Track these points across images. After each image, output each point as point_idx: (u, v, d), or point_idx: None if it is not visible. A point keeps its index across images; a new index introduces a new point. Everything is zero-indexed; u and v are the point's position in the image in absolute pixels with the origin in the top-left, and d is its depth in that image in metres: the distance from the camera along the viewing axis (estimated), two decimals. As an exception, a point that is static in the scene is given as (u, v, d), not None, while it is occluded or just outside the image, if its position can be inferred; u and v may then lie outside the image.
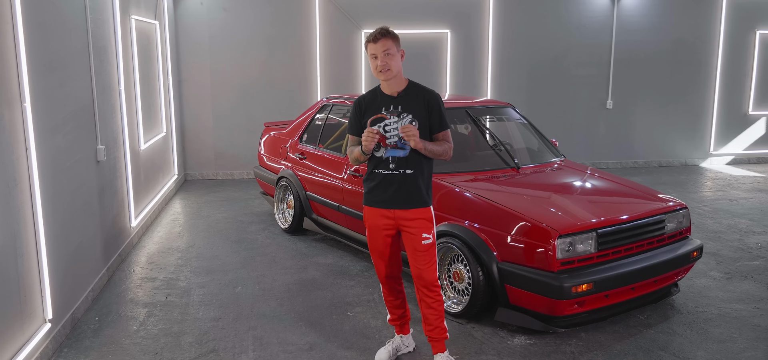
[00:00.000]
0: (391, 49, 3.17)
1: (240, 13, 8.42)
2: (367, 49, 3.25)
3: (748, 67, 9.74)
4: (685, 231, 4.26)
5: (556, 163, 5.02)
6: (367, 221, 3.41)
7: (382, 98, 3.30)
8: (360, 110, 3.36)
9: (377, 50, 3.17)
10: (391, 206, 3.28)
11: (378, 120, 3.26)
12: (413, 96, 3.26)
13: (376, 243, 3.40)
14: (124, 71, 5.42)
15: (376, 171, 3.30)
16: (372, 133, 3.16)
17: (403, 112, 3.22)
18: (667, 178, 8.85)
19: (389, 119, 3.23)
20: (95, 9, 4.71)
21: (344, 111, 5.82)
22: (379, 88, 3.34)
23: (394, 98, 3.26)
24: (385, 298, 3.56)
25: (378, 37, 3.17)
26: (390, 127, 3.22)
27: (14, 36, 3.25)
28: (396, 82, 3.26)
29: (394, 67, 3.20)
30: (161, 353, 3.65)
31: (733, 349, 3.71)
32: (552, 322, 3.80)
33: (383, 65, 3.17)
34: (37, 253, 3.47)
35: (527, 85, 9.20)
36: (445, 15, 8.84)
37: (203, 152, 8.75)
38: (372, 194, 3.34)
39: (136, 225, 5.75)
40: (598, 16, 9.18)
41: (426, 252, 3.28)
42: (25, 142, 3.35)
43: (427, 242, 3.28)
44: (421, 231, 3.27)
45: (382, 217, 3.32)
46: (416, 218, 3.27)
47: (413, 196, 3.26)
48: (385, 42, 3.16)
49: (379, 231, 3.35)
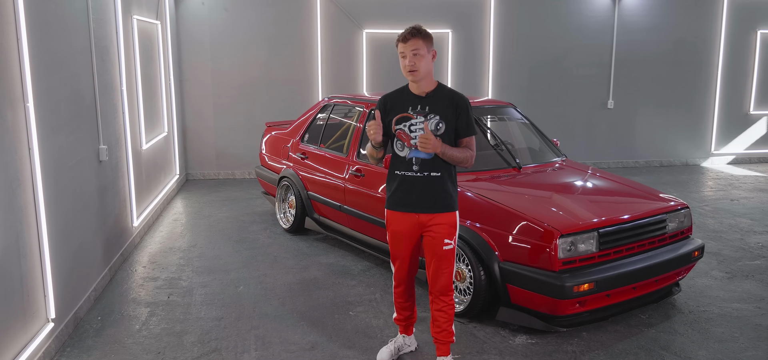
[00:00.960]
0: (421, 50, 3.10)
1: (241, 13, 8.43)
2: (397, 48, 3.19)
3: (749, 67, 9.74)
4: (686, 231, 4.27)
5: (557, 162, 5.02)
6: (390, 226, 3.31)
7: (409, 97, 3.23)
8: (384, 108, 3.27)
9: (406, 50, 3.11)
10: (416, 209, 3.19)
11: (403, 119, 3.18)
12: (441, 97, 3.19)
13: (399, 249, 3.31)
14: (126, 71, 5.42)
15: (398, 172, 3.22)
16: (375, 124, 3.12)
17: (430, 113, 3.15)
18: (668, 177, 8.86)
19: (415, 119, 3.15)
20: (97, 9, 4.72)
21: (346, 111, 5.83)
22: (406, 87, 3.27)
23: (421, 98, 3.19)
24: (397, 298, 3.49)
25: (408, 36, 3.10)
26: (415, 126, 3.14)
27: (17, 36, 3.26)
28: (425, 83, 3.19)
29: (423, 68, 3.12)
30: (163, 353, 3.66)
31: (734, 349, 3.72)
32: (553, 321, 3.81)
33: (411, 65, 3.10)
34: (40, 253, 3.48)
35: (528, 85, 9.21)
36: (446, 15, 8.84)
37: (205, 152, 8.75)
38: (395, 197, 3.24)
39: (138, 225, 5.76)
40: (599, 17, 9.18)
41: (445, 257, 3.22)
42: (28, 141, 3.36)
43: (448, 248, 3.21)
44: (444, 236, 3.19)
45: (405, 220, 3.22)
46: (441, 223, 3.18)
47: (439, 200, 3.18)
48: (415, 42, 3.09)
49: (403, 237, 3.26)
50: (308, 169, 5.77)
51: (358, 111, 5.49)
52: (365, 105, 5.41)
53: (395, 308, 3.57)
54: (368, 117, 3.31)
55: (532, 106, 8.48)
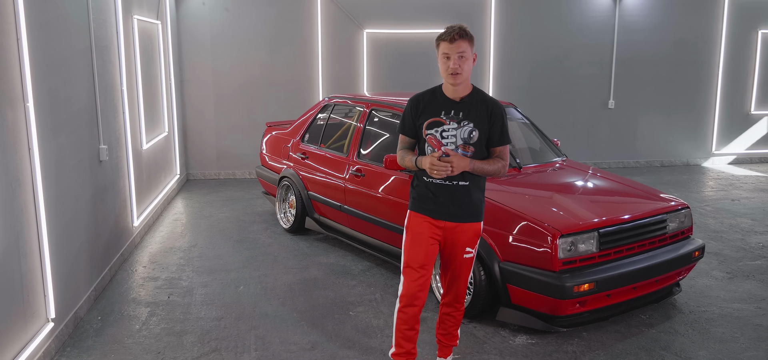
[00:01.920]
0: (467, 52, 2.92)
1: (242, 13, 8.43)
2: (437, 47, 2.98)
3: (750, 67, 9.73)
4: (686, 231, 4.26)
5: (557, 162, 5.02)
6: (412, 227, 3.11)
7: (442, 101, 3.03)
8: (416, 110, 3.08)
9: (452, 51, 2.91)
10: (443, 217, 3.04)
11: (435, 124, 3.00)
12: (477, 103, 3.02)
13: (418, 252, 3.05)
14: (126, 71, 5.42)
15: (426, 179, 3.04)
16: (447, 161, 2.89)
17: (464, 120, 2.98)
18: (669, 177, 8.85)
19: (448, 125, 2.99)
20: (98, 9, 4.72)
21: (346, 111, 5.82)
22: (440, 89, 3.08)
23: (456, 103, 3.01)
24: (400, 324, 3.11)
25: (455, 37, 2.89)
26: (448, 133, 2.98)
27: (17, 36, 3.26)
28: (462, 87, 3.01)
29: (466, 71, 2.95)
30: (163, 353, 3.66)
31: (735, 349, 3.71)
32: (554, 321, 3.80)
33: (456, 68, 2.92)
34: (40, 253, 3.48)
35: (529, 84, 9.20)
36: (446, 14, 8.82)
37: (205, 152, 8.76)
38: (421, 202, 3.07)
39: (139, 225, 5.76)
40: (600, 16, 9.17)
41: (465, 265, 3.12)
42: (28, 141, 3.36)
43: (468, 256, 3.11)
44: (466, 244, 3.08)
45: (429, 225, 3.06)
46: (466, 232, 3.07)
47: (467, 210, 3.04)
48: (461, 44, 2.90)
49: (424, 238, 3.05)
50: (309, 169, 5.77)
51: (358, 111, 5.49)
52: (365, 105, 5.41)
53: (395, 339, 3.16)
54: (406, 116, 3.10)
55: (532, 106, 8.48)
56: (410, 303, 3.07)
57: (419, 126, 3.07)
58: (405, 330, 3.11)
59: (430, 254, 3.07)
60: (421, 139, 3.10)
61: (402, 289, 3.11)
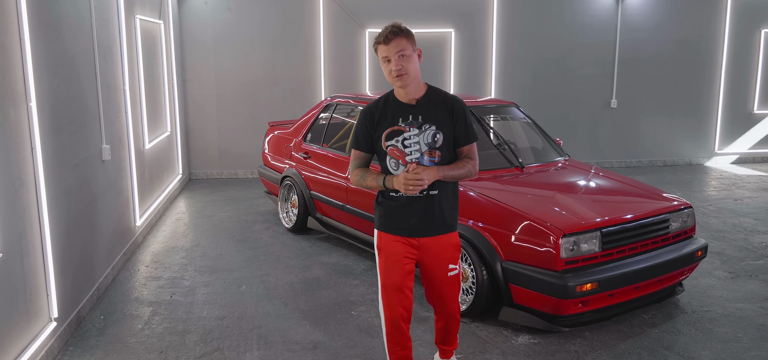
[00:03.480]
0: (406, 50, 2.70)
1: (244, 12, 8.43)
2: (376, 52, 2.78)
3: (753, 66, 9.71)
4: (689, 230, 4.25)
5: (560, 162, 5.01)
6: (384, 247, 2.89)
7: (397, 107, 2.81)
8: (371, 122, 2.86)
9: (390, 52, 2.70)
10: (416, 234, 2.83)
11: (395, 133, 2.79)
12: (434, 103, 2.80)
13: (393, 274, 2.85)
14: (128, 71, 5.43)
15: (393, 193, 2.82)
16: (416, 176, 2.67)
17: (425, 123, 2.76)
18: (671, 177, 8.83)
19: (408, 131, 2.77)
20: (100, 9, 4.72)
21: (348, 110, 5.82)
22: (392, 95, 2.85)
23: (412, 107, 2.79)
24: (391, 346, 2.95)
25: (389, 36, 2.70)
26: (410, 140, 2.76)
27: (20, 35, 3.26)
28: (413, 88, 2.78)
29: (412, 70, 2.72)
30: (166, 352, 3.66)
31: (737, 349, 3.70)
32: (556, 321, 3.80)
33: (399, 69, 2.70)
34: (43, 252, 3.48)
35: (531, 84, 9.19)
36: (449, 14, 8.83)
37: (207, 151, 8.76)
38: (389, 220, 2.85)
39: (141, 224, 5.77)
40: (603, 16, 9.16)
41: (451, 283, 2.92)
42: (31, 141, 3.36)
43: (453, 273, 2.90)
44: (448, 261, 2.88)
45: (402, 244, 2.85)
46: (443, 246, 2.87)
47: (440, 221, 2.83)
48: (399, 42, 2.69)
49: (398, 258, 2.84)
50: (311, 169, 5.77)
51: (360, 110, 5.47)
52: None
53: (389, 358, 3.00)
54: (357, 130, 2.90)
55: (535, 106, 8.47)
56: (395, 325, 2.90)
57: (377, 139, 2.85)
58: (398, 351, 2.96)
59: (406, 274, 2.87)
60: (380, 153, 2.87)
61: (384, 313, 2.92)
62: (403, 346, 2.95)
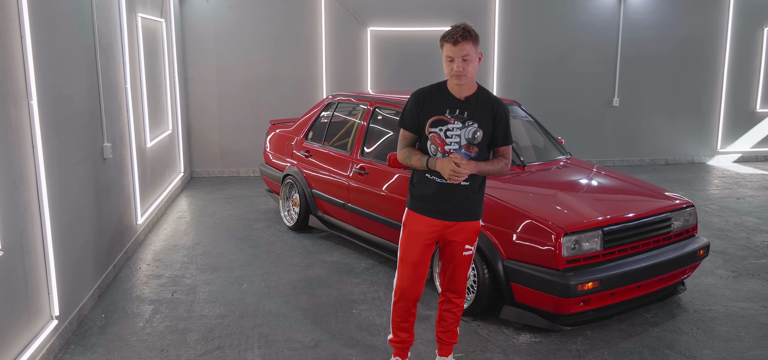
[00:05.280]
0: (470, 54, 2.89)
1: (246, 11, 8.43)
2: (441, 48, 2.95)
3: (756, 65, 9.68)
4: (691, 229, 4.24)
5: (562, 160, 5.01)
6: (409, 226, 3.13)
7: (447, 98, 3.01)
8: (420, 106, 3.05)
9: (455, 54, 2.88)
10: (443, 217, 3.05)
11: (439, 122, 2.99)
12: (482, 103, 3.01)
13: (413, 250, 3.10)
14: (130, 69, 5.43)
15: (428, 177, 3.04)
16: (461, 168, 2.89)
17: (469, 120, 2.98)
18: (673, 176, 8.82)
19: (452, 124, 2.97)
20: (102, 7, 4.72)
21: (350, 109, 5.82)
22: (444, 86, 3.05)
23: (461, 102, 3.00)
24: (395, 316, 3.25)
25: (458, 39, 2.86)
26: (452, 132, 2.97)
27: (21, 34, 3.26)
28: (466, 86, 3.00)
29: (470, 72, 2.93)
30: (167, 350, 3.66)
31: (739, 348, 3.70)
32: (557, 320, 3.80)
33: (460, 71, 2.90)
34: (44, 250, 3.49)
35: (533, 82, 9.18)
36: (450, 11, 8.81)
37: (209, 150, 8.77)
38: (421, 201, 3.08)
39: (143, 222, 5.77)
40: (605, 14, 9.14)
41: (464, 262, 3.15)
42: (32, 139, 3.37)
43: (468, 253, 3.13)
44: (466, 242, 3.11)
45: (428, 225, 3.07)
46: (465, 230, 3.09)
47: (467, 209, 3.06)
48: (465, 46, 2.87)
49: (421, 237, 3.08)
50: (312, 167, 5.76)
51: (362, 109, 5.48)
52: (369, 103, 5.40)
53: (392, 328, 3.32)
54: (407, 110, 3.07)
55: (536, 104, 8.46)
56: (404, 297, 3.18)
57: (422, 123, 3.05)
58: (399, 322, 3.25)
59: (425, 254, 3.12)
60: (423, 136, 3.08)
61: (396, 282, 3.20)
62: (404, 318, 3.23)
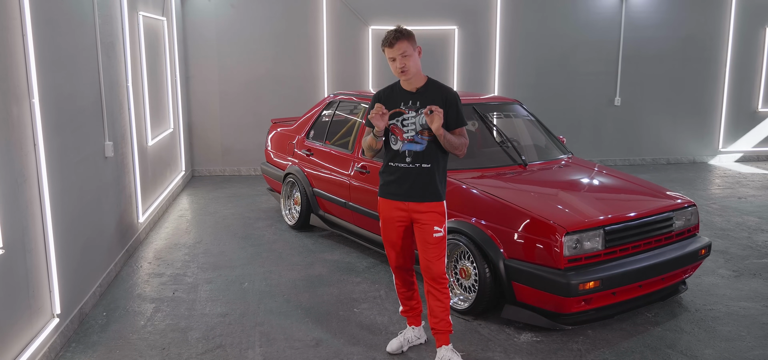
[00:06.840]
0: (408, 50, 3.26)
1: (247, 9, 8.43)
2: (384, 53, 3.34)
3: (758, 64, 9.67)
4: (693, 228, 4.24)
5: (563, 159, 5.00)
6: (382, 213, 3.50)
7: (400, 93, 3.40)
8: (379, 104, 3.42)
9: (394, 54, 3.27)
10: (406, 199, 3.36)
11: (396, 114, 3.36)
12: (432, 92, 3.35)
13: (390, 234, 3.48)
14: (131, 68, 5.43)
15: (392, 164, 3.39)
16: (380, 110, 3.25)
17: (422, 108, 3.30)
18: (675, 175, 8.81)
19: (407, 114, 3.33)
20: (103, 5, 4.72)
21: (351, 107, 5.82)
22: (398, 84, 3.44)
23: (413, 94, 3.36)
24: (398, 288, 3.65)
25: (393, 41, 3.26)
26: (408, 121, 3.32)
27: (23, 32, 3.26)
28: (415, 79, 3.35)
29: (413, 66, 3.29)
30: (168, 349, 3.66)
31: (741, 348, 3.69)
32: (559, 319, 3.79)
33: (402, 67, 3.28)
34: (46, 249, 3.49)
35: (535, 81, 9.17)
36: (452, 11, 8.82)
37: (210, 148, 8.77)
38: (387, 187, 3.43)
39: (144, 221, 5.77)
40: (607, 13, 9.13)
41: (436, 245, 3.35)
42: (33, 138, 3.37)
43: (438, 235, 3.34)
44: (433, 224, 3.34)
45: (396, 209, 3.40)
46: (429, 211, 3.33)
47: (428, 190, 3.34)
48: (401, 45, 3.25)
49: (393, 222, 3.44)
50: (313, 166, 5.76)
51: (363, 108, 5.48)
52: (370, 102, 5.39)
53: (399, 299, 3.71)
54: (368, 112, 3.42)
55: (538, 103, 8.46)
56: (397, 271, 3.59)
57: None
58: (403, 291, 3.63)
59: (402, 236, 3.46)
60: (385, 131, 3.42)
61: (390, 261, 3.59)
62: (406, 287, 3.61)
